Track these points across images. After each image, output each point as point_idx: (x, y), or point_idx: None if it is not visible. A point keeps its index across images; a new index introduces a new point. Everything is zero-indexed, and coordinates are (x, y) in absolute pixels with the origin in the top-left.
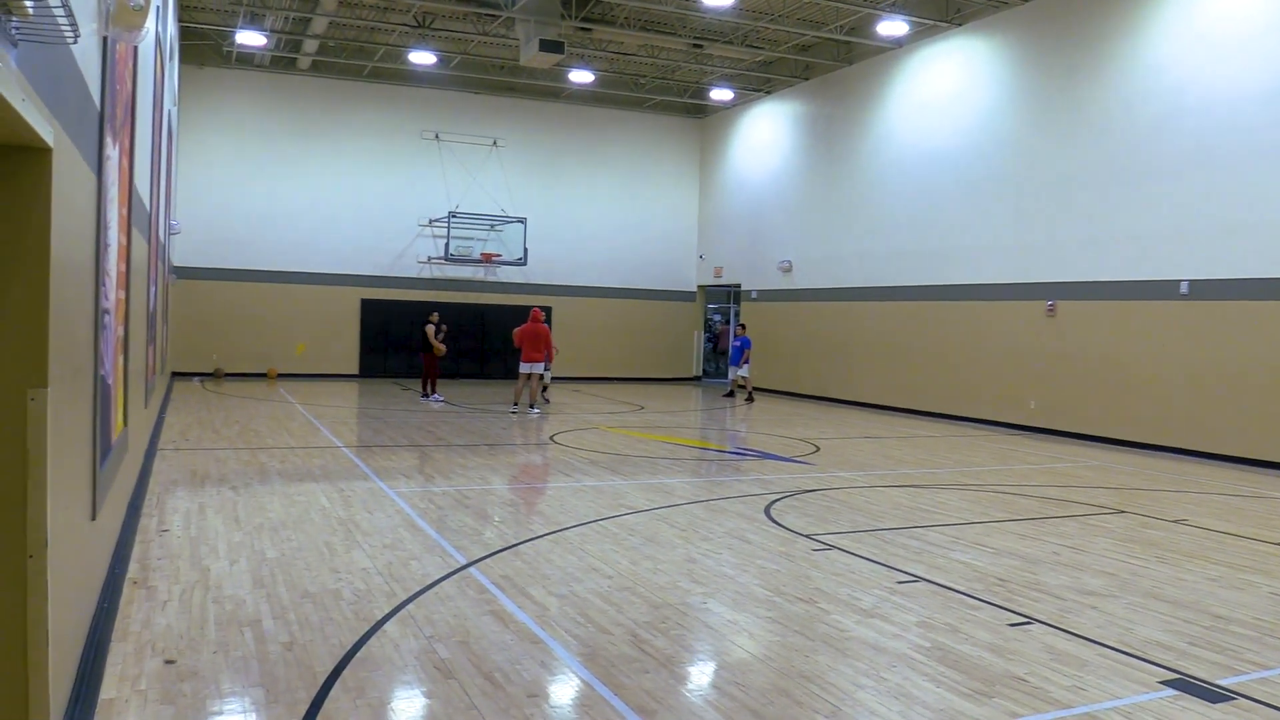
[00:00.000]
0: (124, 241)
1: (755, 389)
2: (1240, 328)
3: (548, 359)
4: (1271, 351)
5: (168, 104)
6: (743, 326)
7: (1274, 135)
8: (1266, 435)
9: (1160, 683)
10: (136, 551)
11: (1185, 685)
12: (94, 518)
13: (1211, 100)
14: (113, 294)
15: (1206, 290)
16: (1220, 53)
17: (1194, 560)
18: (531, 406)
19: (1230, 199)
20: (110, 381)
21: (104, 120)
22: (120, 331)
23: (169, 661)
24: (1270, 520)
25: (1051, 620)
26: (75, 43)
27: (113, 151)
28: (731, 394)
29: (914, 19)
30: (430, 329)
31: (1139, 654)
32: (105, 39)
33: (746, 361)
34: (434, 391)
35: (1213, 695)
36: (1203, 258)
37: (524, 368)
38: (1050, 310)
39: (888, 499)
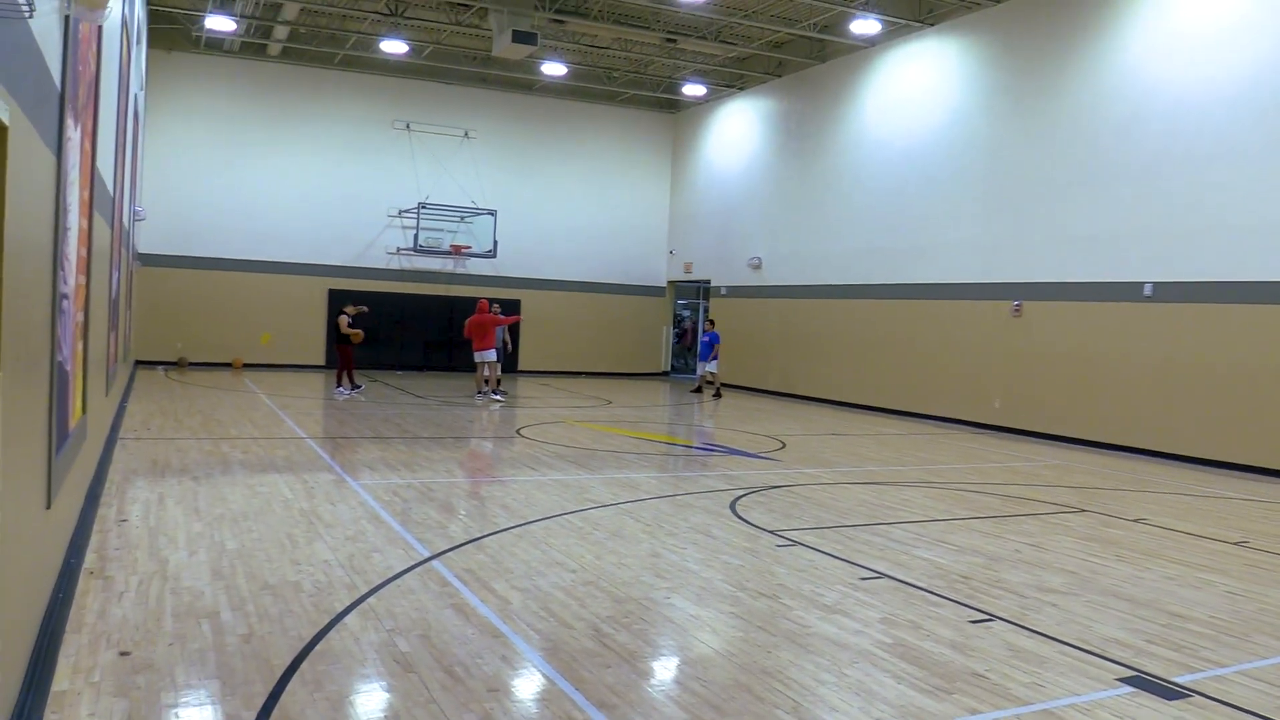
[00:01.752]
0: (85, 226)
1: (723, 385)
2: (1201, 331)
3: (501, 342)
4: (1231, 355)
5: (134, 88)
6: (711, 322)
7: (1239, 139)
8: (1225, 437)
9: (1118, 680)
10: (94, 541)
11: (1142, 682)
12: (49, 506)
13: (1180, 103)
14: (72, 279)
15: (1169, 293)
16: (1190, 56)
17: (1153, 559)
18: (494, 392)
19: (1195, 203)
20: (68, 368)
21: (65, 100)
22: (80, 317)
23: (124, 653)
24: (1227, 520)
25: (1012, 617)
26: (31, 17)
27: (74, 133)
28: (699, 389)
29: (887, 18)
30: (344, 319)
31: (1098, 651)
32: (67, 18)
33: (715, 357)
34: (353, 385)
35: (1169, 692)
36: (1166, 261)
37: (477, 356)
38: (1016, 310)
39: (852, 496)
